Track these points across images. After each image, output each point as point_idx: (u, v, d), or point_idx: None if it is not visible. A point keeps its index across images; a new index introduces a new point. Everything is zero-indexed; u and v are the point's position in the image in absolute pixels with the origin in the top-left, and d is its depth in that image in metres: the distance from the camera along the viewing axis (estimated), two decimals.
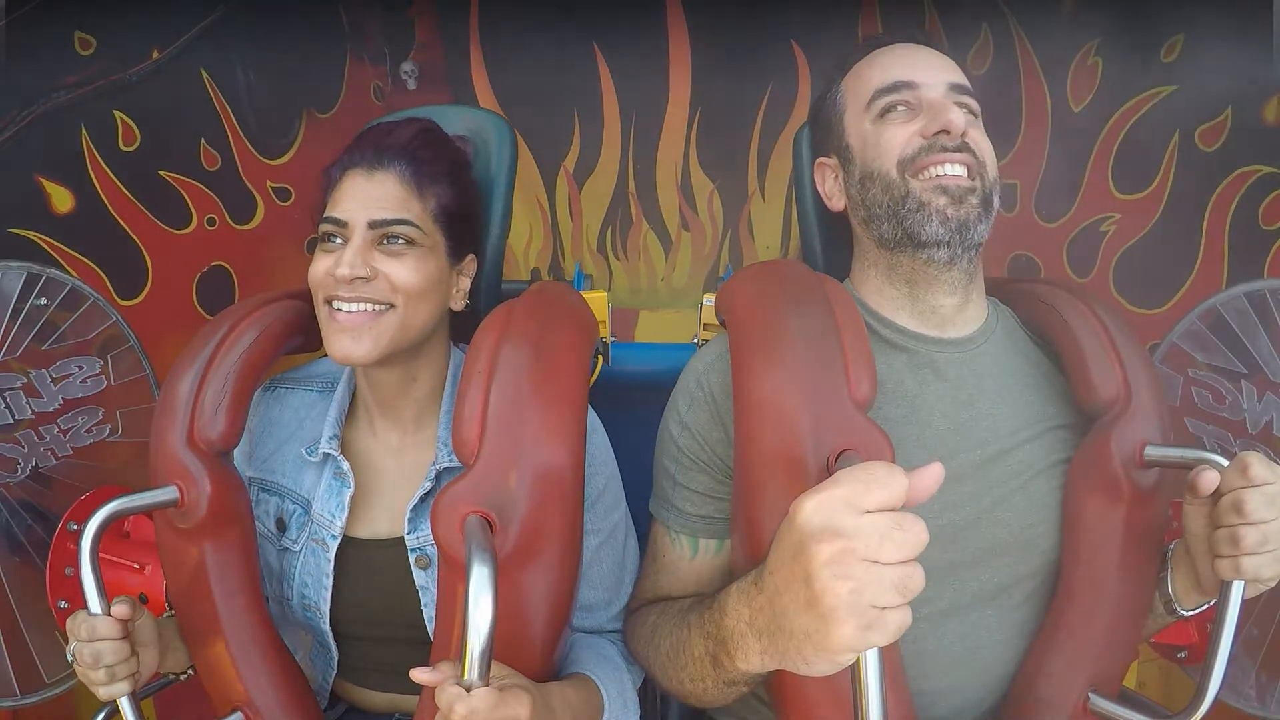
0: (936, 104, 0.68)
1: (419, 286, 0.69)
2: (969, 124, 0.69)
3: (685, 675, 0.63)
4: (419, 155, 0.71)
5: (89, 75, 1.34)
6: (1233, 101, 1.36)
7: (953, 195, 0.67)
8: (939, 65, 0.71)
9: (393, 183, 0.69)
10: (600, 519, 0.73)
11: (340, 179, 0.71)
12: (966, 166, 0.68)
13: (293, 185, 1.44)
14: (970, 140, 0.68)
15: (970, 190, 0.67)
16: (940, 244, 0.67)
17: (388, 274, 0.68)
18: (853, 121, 0.73)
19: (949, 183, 0.67)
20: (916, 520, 0.43)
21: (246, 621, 0.69)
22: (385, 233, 0.68)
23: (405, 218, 0.69)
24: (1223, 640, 0.58)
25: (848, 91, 0.74)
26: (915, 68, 0.70)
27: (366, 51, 1.43)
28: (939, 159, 0.67)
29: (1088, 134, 1.41)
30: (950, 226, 0.66)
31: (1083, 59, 1.40)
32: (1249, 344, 1.24)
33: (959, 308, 0.71)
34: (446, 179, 0.72)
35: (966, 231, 0.67)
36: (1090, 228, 1.44)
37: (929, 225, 0.67)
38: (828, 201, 0.77)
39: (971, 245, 0.68)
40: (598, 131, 1.45)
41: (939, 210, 0.67)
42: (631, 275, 1.51)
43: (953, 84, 0.70)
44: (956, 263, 0.68)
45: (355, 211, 0.68)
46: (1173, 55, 1.37)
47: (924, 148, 0.68)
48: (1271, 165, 1.36)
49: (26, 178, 1.35)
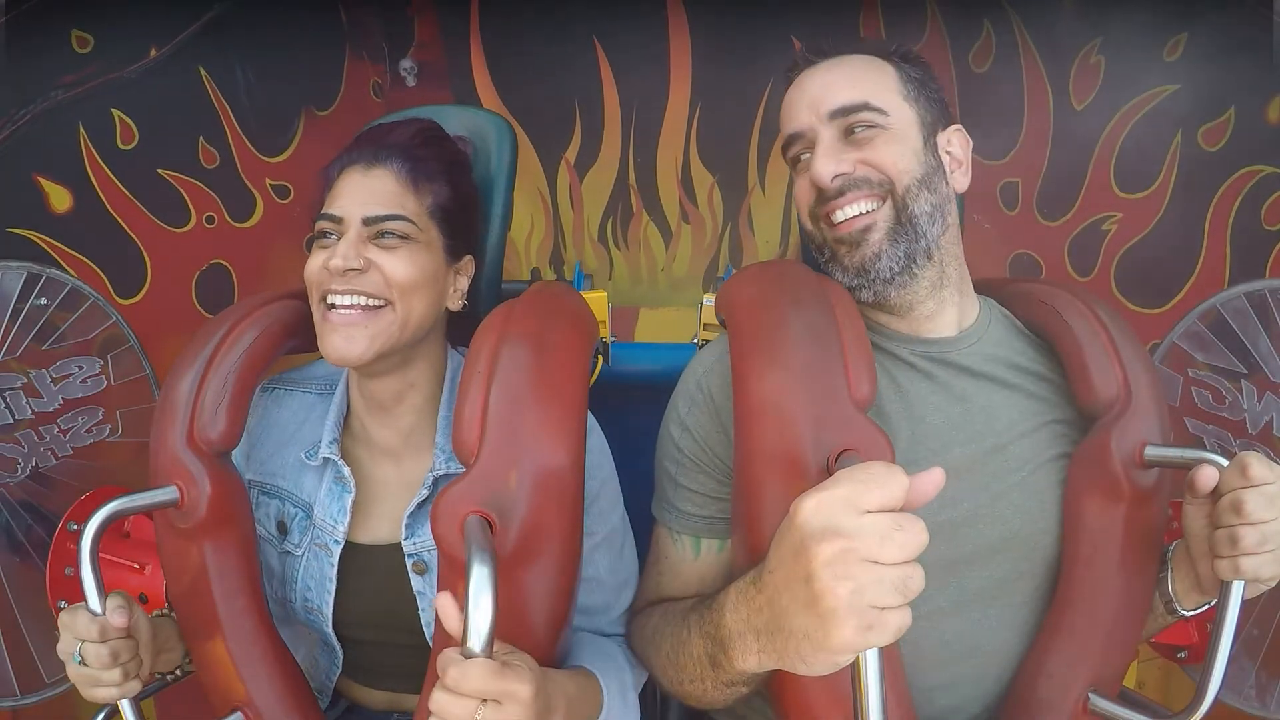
0: (818, 150, 0.68)
1: (413, 281, 0.68)
2: (863, 146, 0.67)
3: (685, 676, 0.64)
4: (416, 153, 0.71)
5: (87, 74, 1.34)
6: (1235, 101, 1.36)
7: (848, 242, 0.68)
8: (826, 93, 0.68)
9: (389, 179, 0.69)
10: (596, 521, 0.72)
11: (338, 177, 0.71)
12: (867, 197, 0.67)
13: (292, 183, 1.43)
14: (862, 167, 0.67)
15: (866, 229, 0.67)
16: (856, 288, 0.69)
17: (382, 267, 0.67)
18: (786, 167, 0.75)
19: (843, 230, 0.68)
20: (916, 520, 0.43)
21: (246, 621, 0.69)
22: (380, 228, 0.68)
23: (399, 213, 0.68)
24: (1223, 640, 0.58)
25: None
26: (804, 109, 0.70)
27: (366, 49, 1.42)
28: (833, 205, 0.68)
29: (1090, 133, 1.41)
30: (850, 273, 0.68)
31: (1085, 57, 1.40)
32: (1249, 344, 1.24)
33: (933, 314, 0.71)
34: (444, 177, 0.72)
35: (867, 273, 0.67)
36: (1092, 227, 1.44)
37: (836, 273, 0.70)
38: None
39: (885, 279, 0.67)
40: (598, 124, 1.45)
41: (841, 259, 0.69)
42: (632, 265, 1.51)
43: (835, 109, 0.68)
44: (883, 295, 0.69)
45: (350, 207, 0.68)
46: (1175, 54, 1.37)
47: (818, 196, 0.69)
48: (1274, 165, 1.36)
49: (25, 177, 1.35)
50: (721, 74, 1.44)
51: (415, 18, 1.42)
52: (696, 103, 1.45)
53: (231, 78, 1.39)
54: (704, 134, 1.46)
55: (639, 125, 1.46)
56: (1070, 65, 1.40)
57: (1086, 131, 1.41)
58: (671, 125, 1.46)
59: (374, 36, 1.42)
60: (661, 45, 1.43)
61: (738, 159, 1.47)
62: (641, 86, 1.44)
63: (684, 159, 1.47)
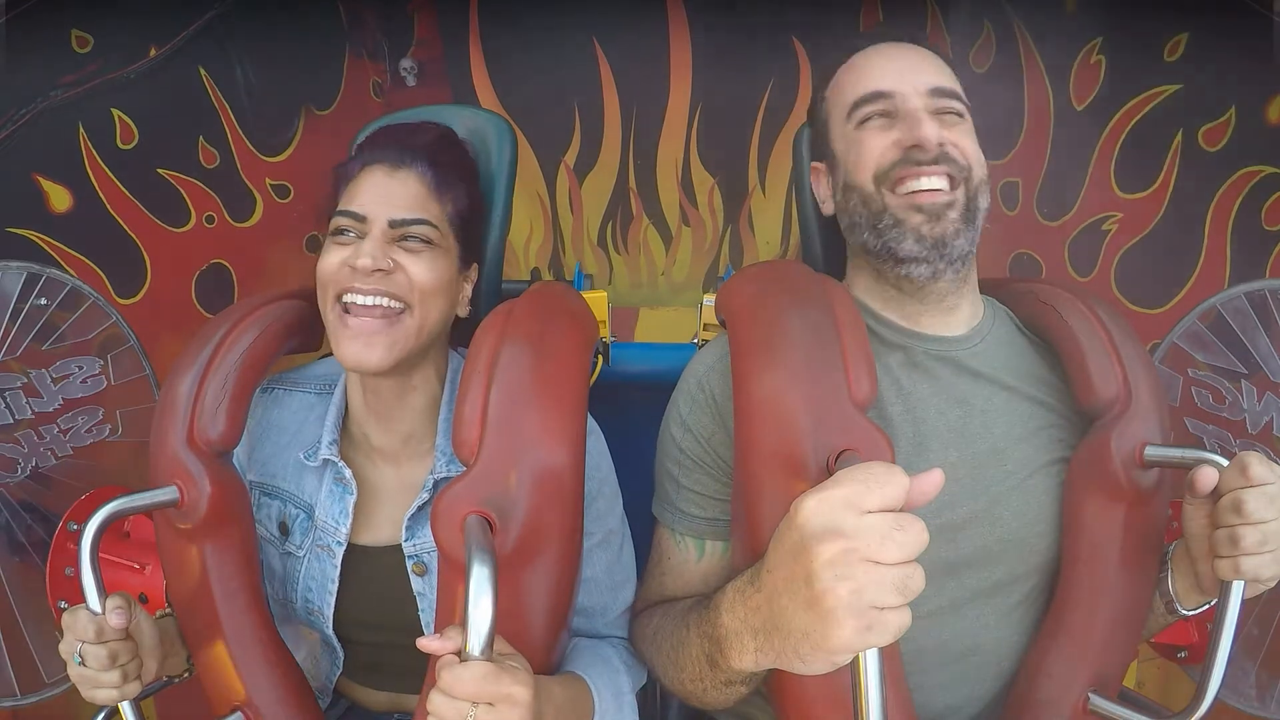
0: (913, 114, 0.67)
1: (435, 286, 0.69)
2: (950, 129, 0.67)
3: (686, 675, 0.64)
4: (441, 158, 0.71)
5: (87, 73, 1.34)
6: (1236, 101, 1.36)
7: (928, 212, 0.66)
8: (920, 68, 0.69)
9: (414, 183, 0.69)
10: (595, 522, 0.72)
11: (359, 174, 0.70)
12: (946, 178, 0.67)
13: (292, 182, 1.43)
14: (950, 148, 0.67)
15: (948, 205, 0.66)
16: (918, 260, 0.67)
17: (407, 270, 0.67)
18: (836, 129, 0.73)
19: (924, 199, 0.66)
20: (916, 521, 0.43)
21: (246, 621, 0.69)
22: (405, 232, 0.68)
23: (425, 218, 0.69)
24: (1223, 640, 0.58)
25: (831, 99, 0.74)
26: (893, 74, 0.69)
27: (366, 48, 1.42)
28: (914, 172, 0.66)
29: (1090, 132, 1.41)
30: (926, 244, 0.66)
31: (1086, 57, 1.40)
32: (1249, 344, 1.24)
33: (949, 311, 0.71)
34: (463, 184, 0.73)
35: (944, 247, 0.66)
36: (1092, 227, 1.44)
37: (904, 242, 0.67)
38: (821, 206, 0.78)
39: (954, 259, 0.67)
40: (598, 127, 1.45)
41: (914, 228, 0.66)
42: (632, 269, 1.51)
43: (933, 88, 0.68)
44: (939, 277, 0.68)
45: (375, 207, 0.68)
46: (1176, 54, 1.37)
47: (899, 160, 0.67)
48: (1274, 166, 1.36)
49: (24, 177, 1.34)
50: (721, 74, 1.44)
51: (415, 17, 1.42)
52: (696, 104, 1.45)
53: (231, 78, 1.39)
54: (704, 135, 1.46)
55: (639, 127, 1.46)
56: (1070, 65, 1.40)
57: (1086, 131, 1.41)
58: (671, 127, 1.46)
59: (374, 36, 1.42)
60: (661, 46, 1.43)
61: (738, 160, 1.47)
62: (641, 87, 1.44)
63: (684, 161, 1.47)
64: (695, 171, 1.47)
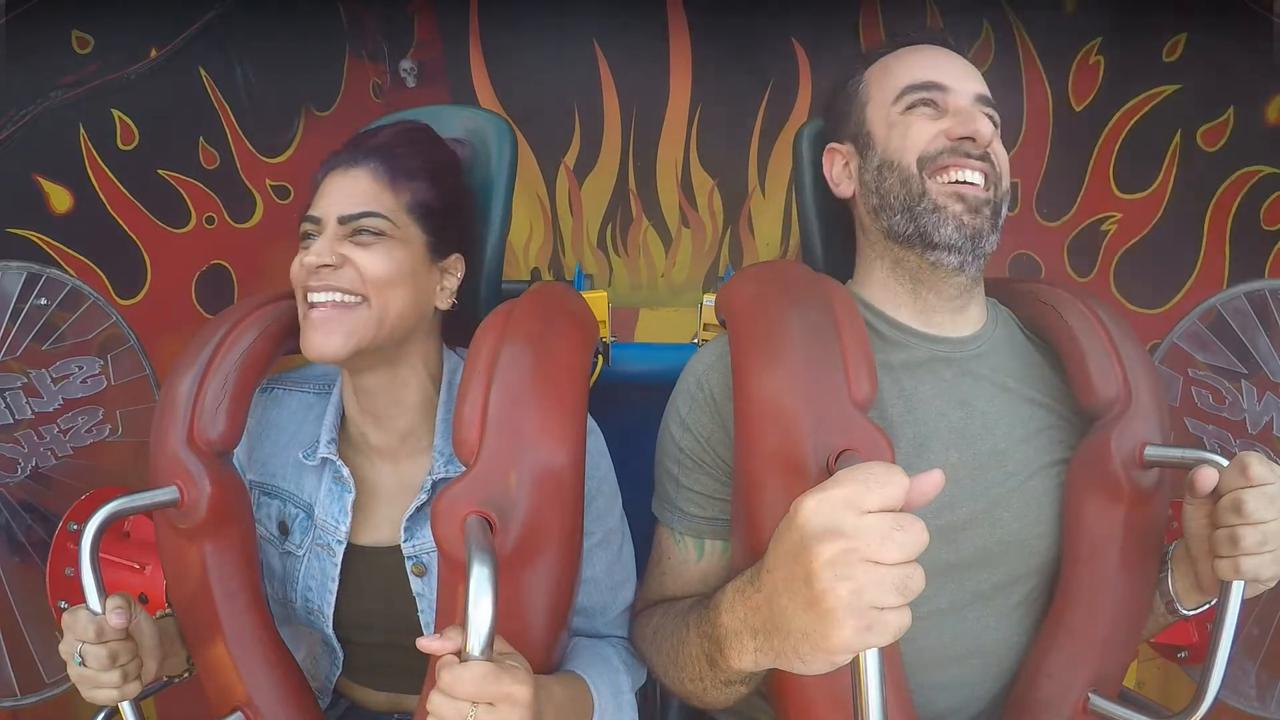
0: (965, 110, 0.69)
1: (389, 276, 0.68)
2: (992, 135, 0.70)
3: (685, 675, 0.64)
4: (395, 152, 0.71)
5: (87, 74, 1.34)
6: (1235, 101, 1.36)
7: (969, 204, 0.68)
8: (968, 75, 0.72)
9: (365, 178, 0.70)
10: (594, 522, 0.72)
11: (321, 180, 0.72)
12: (985, 175, 0.69)
13: (292, 183, 1.43)
14: (991, 151, 0.69)
15: (985, 202, 0.68)
16: (953, 249, 0.68)
17: (356, 263, 0.67)
18: (876, 110, 0.73)
19: (967, 190, 0.68)
20: (916, 521, 0.43)
21: (246, 621, 0.69)
22: (355, 226, 0.69)
23: (373, 210, 0.69)
24: (1223, 640, 0.58)
25: (873, 81, 0.74)
26: (947, 72, 0.71)
27: (366, 49, 1.42)
28: (960, 163, 0.68)
29: (1089, 133, 1.41)
30: (965, 234, 0.67)
31: (1084, 58, 1.40)
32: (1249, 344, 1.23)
33: (960, 309, 0.72)
34: (425, 174, 0.72)
35: (979, 241, 0.68)
36: (1091, 227, 1.44)
37: (944, 229, 0.68)
38: (834, 187, 0.77)
39: (982, 254, 0.69)
40: (598, 128, 1.45)
41: (955, 216, 0.67)
42: (632, 271, 1.51)
43: (979, 95, 0.71)
44: (966, 270, 0.69)
45: (327, 208, 0.69)
46: (1175, 54, 1.37)
47: (947, 149, 0.68)
48: (1273, 166, 1.36)
49: (24, 177, 1.35)
50: (721, 75, 1.44)
51: (415, 18, 1.42)
52: (696, 105, 1.45)
53: (231, 78, 1.39)
54: (704, 136, 1.46)
55: (638, 128, 1.46)
56: (1069, 65, 1.40)
57: (1086, 131, 1.41)
58: (671, 127, 1.46)
59: (374, 37, 1.42)
60: (661, 47, 1.43)
61: (738, 161, 1.47)
62: (641, 88, 1.44)
63: (683, 162, 1.47)
64: (695, 172, 1.47)
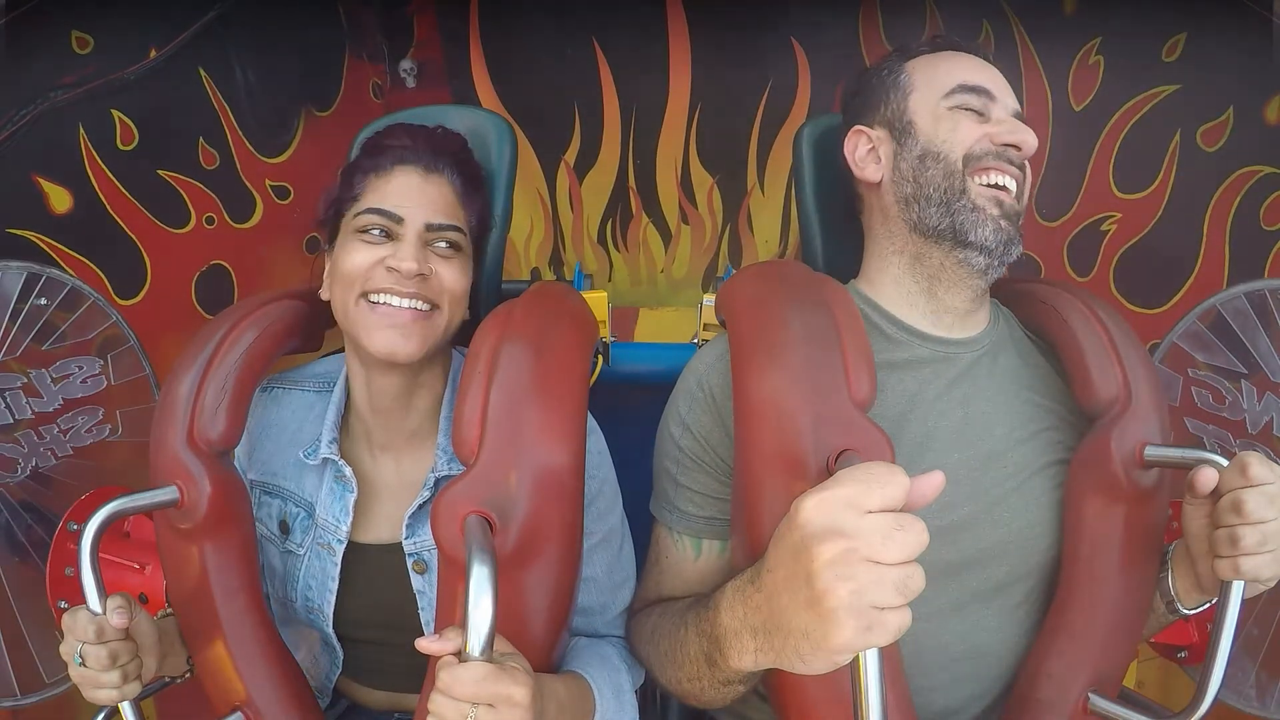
0: (1012, 120, 0.70)
1: (462, 290, 0.71)
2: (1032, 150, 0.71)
3: (683, 675, 0.64)
4: (467, 168, 0.73)
5: (86, 74, 1.33)
6: (1234, 101, 1.36)
7: (1005, 210, 0.69)
8: (1009, 90, 0.74)
9: (447, 188, 0.71)
10: (595, 521, 0.73)
11: (391, 171, 0.70)
12: (1017, 184, 0.70)
13: (291, 183, 1.43)
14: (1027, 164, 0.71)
15: (1016, 213, 0.70)
16: (985, 251, 0.68)
17: (440, 275, 0.68)
18: (922, 101, 0.72)
19: (1004, 196, 0.69)
20: (916, 521, 0.43)
21: (246, 621, 0.69)
22: (439, 236, 0.69)
23: (457, 224, 0.70)
24: (1223, 640, 0.58)
25: (917, 72, 0.74)
26: (993, 82, 0.72)
27: (365, 49, 1.42)
28: (1003, 167, 0.69)
29: (1089, 133, 1.41)
30: (1002, 238, 0.68)
31: (1084, 58, 1.40)
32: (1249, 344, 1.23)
33: (967, 314, 0.72)
34: (481, 194, 0.75)
35: (1009, 248, 0.69)
36: (1091, 227, 1.44)
37: (981, 229, 0.68)
38: (856, 170, 0.75)
39: (1008, 261, 0.70)
40: (598, 126, 1.45)
41: (994, 219, 0.68)
42: (632, 267, 1.51)
43: (1017, 110, 0.72)
44: (989, 274, 0.70)
45: (411, 210, 0.68)
46: (1174, 54, 1.37)
47: (991, 152, 0.69)
48: (1273, 166, 1.36)
49: (24, 178, 1.34)
50: (721, 74, 1.44)
51: (415, 18, 1.42)
52: (696, 103, 1.45)
53: (231, 78, 1.39)
54: (703, 135, 1.46)
55: (638, 126, 1.46)
56: (1070, 65, 1.40)
57: (1086, 132, 1.41)
58: (671, 126, 1.46)
59: (374, 37, 1.42)
60: (661, 46, 1.43)
61: (737, 160, 1.47)
62: (641, 87, 1.44)
63: (683, 160, 1.47)
64: (694, 170, 1.48)
